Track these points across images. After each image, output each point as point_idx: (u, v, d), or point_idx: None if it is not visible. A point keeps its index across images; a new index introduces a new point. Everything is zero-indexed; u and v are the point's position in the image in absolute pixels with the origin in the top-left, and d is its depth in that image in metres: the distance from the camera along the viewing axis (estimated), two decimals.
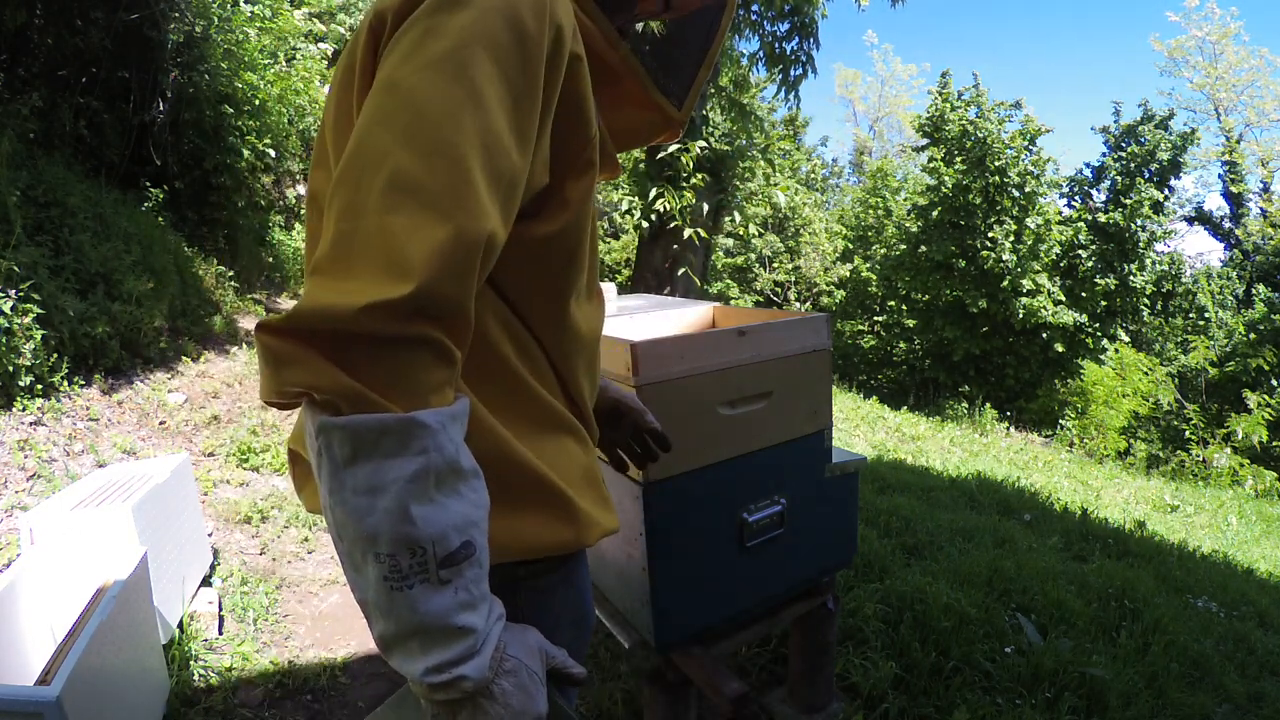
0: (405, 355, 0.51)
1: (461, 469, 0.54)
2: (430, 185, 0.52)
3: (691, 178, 6.43)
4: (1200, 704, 2.02)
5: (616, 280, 12.38)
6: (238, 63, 5.42)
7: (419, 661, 0.53)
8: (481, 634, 0.55)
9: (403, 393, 0.51)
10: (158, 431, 3.32)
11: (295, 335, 0.50)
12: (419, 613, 0.51)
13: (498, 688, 0.56)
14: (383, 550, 0.50)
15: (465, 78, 0.55)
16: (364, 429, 0.49)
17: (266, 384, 0.52)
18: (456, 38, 0.56)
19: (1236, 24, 20.55)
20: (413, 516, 0.50)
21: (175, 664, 1.92)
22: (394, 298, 0.49)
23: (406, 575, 0.51)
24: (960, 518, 3.45)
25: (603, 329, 0.85)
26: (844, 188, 22.92)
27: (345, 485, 0.50)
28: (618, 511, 1.47)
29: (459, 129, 0.54)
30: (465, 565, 0.53)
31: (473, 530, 0.54)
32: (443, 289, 0.51)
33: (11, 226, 3.07)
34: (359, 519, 0.50)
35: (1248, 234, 17.17)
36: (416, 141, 0.53)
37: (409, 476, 0.50)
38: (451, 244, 0.52)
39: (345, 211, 0.53)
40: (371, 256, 0.51)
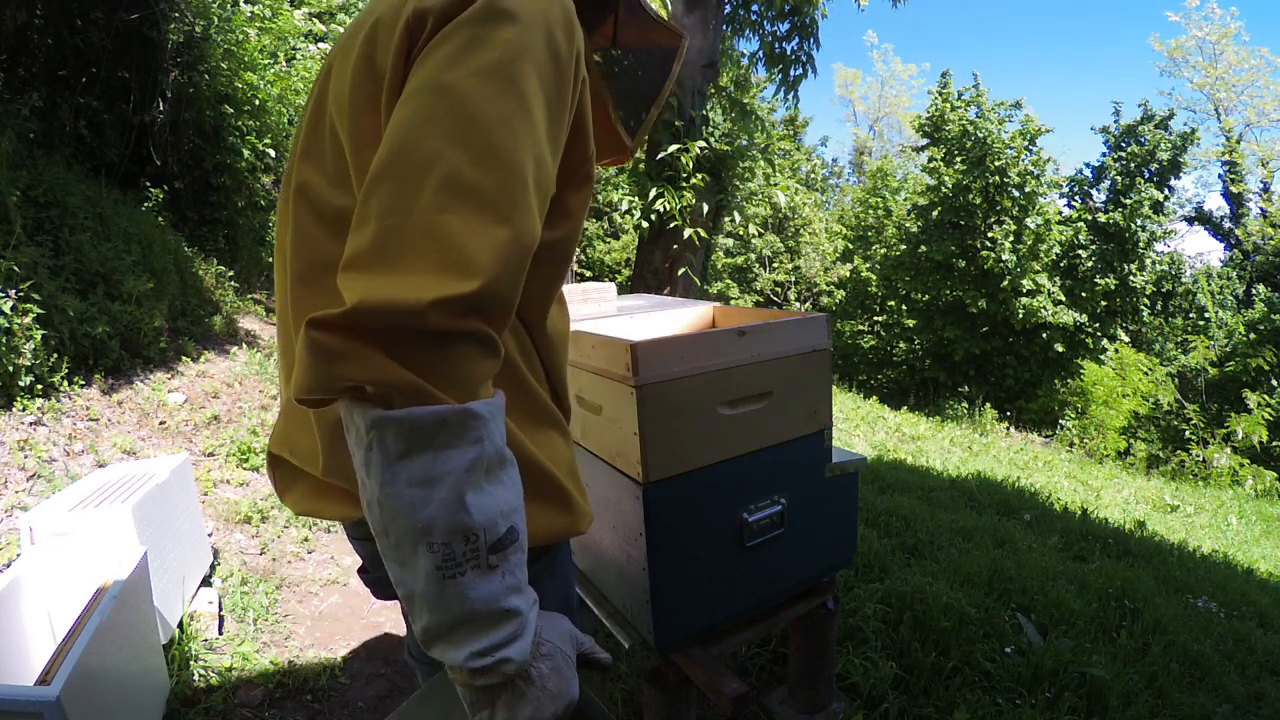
0: (460, 349, 0.53)
1: (505, 458, 0.56)
2: (487, 188, 0.54)
3: (691, 178, 6.42)
4: (1200, 704, 2.02)
5: (616, 280, 12.38)
6: (238, 63, 5.42)
7: (464, 648, 0.54)
8: (526, 617, 0.57)
9: (456, 386, 0.52)
10: (158, 431, 3.32)
11: (352, 331, 0.50)
12: (469, 599, 0.53)
13: (535, 671, 0.58)
14: (437, 540, 0.52)
15: (516, 89, 0.57)
16: (422, 421, 0.51)
17: (312, 379, 0.51)
18: (505, 50, 0.58)
19: (1236, 24, 20.57)
20: (468, 505, 0.52)
21: (175, 664, 1.92)
22: (460, 294, 0.51)
23: (460, 563, 0.52)
24: (960, 518, 3.45)
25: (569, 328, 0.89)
26: (844, 188, 22.93)
27: (399, 478, 0.51)
28: (618, 511, 1.48)
29: (514, 137, 0.56)
30: (511, 550, 0.55)
31: (515, 516, 0.56)
32: (501, 288, 0.53)
33: (11, 226, 3.06)
34: (413, 511, 0.51)
35: (1248, 234, 17.18)
36: (471, 146, 0.55)
37: (466, 466, 0.52)
38: (511, 245, 0.54)
39: (393, 207, 0.53)
40: (427, 253, 0.52)
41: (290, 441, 0.77)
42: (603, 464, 1.45)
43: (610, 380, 1.35)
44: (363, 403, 0.52)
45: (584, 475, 1.59)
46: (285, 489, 0.80)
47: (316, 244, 0.72)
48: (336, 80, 0.71)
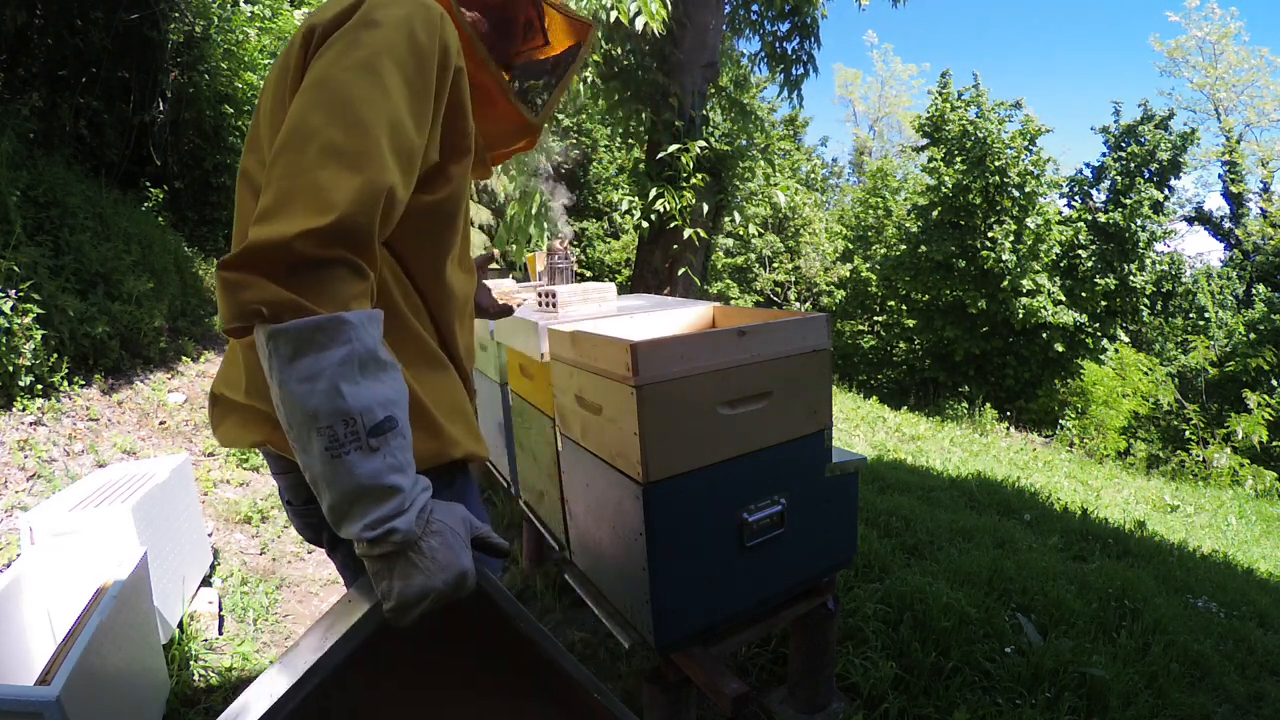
0: (329, 272, 0.66)
1: (380, 359, 0.67)
2: (350, 149, 0.69)
3: (691, 178, 6.42)
4: (1200, 704, 2.02)
5: (616, 280, 12.38)
6: (238, 63, 5.42)
7: (359, 521, 0.65)
8: (409, 495, 0.67)
9: (329, 300, 0.65)
10: (158, 431, 3.32)
11: (246, 265, 0.64)
12: (355, 474, 0.64)
13: (425, 544, 0.68)
14: (322, 424, 0.63)
15: (376, 77, 0.73)
16: (303, 328, 0.63)
17: (226, 310, 0.65)
18: (370, 48, 0.75)
19: (1236, 24, 20.57)
20: (343, 392, 0.63)
21: (175, 664, 1.92)
22: (319, 226, 0.64)
23: (343, 443, 0.64)
24: (960, 518, 3.45)
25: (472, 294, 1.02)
26: (844, 188, 22.92)
27: (291, 378, 0.63)
28: (618, 511, 1.47)
29: (373, 111, 0.72)
30: (390, 435, 0.66)
31: (394, 408, 0.67)
32: (356, 220, 0.67)
33: (11, 226, 3.06)
34: (302, 402, 0.63)
35: (1248, 234, 17.18)
36: (340, 121, 0.70)
37: (338, 360, 0.64)
38: (363, 188, 0.68)
39: (286, 173, 0.68)
40: (304, 200, 0.66)
41: (225, 377, 0.91)
42: (603, 464, 1.45)
43: (610, 380, 1.36)
44: (263, 323, 0.64)
45: (584, 475, 1.60)
46: (218, 423, 0.92)
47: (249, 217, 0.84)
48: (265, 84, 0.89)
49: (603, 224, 14.80)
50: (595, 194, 14.52)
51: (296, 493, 0.92)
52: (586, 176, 14.38)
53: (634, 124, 6.93)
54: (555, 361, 1.67)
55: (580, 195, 14.23)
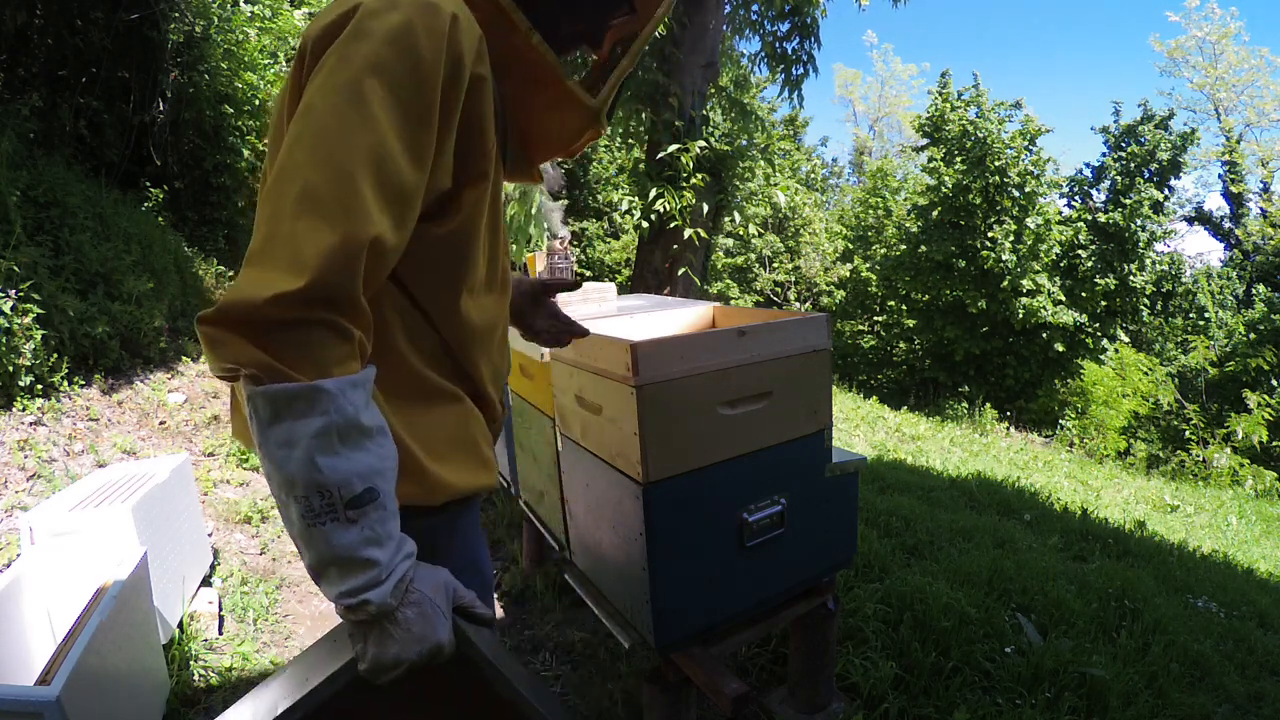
0: (308, 335, 0.62)
1: (364, 427, 0.64)
2: (323, 195, 0.63)
3: (691, 178, 6.42)
4: (1200, 704, 2.02)
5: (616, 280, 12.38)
6: (238, 63, 5.42)
7: (336, 587, 0.64)
8: (386, 567, 0.65)
9: (308, 365, 0.62)
10: (158, 431, 3.32)
11: (222, 323, 0.61)
12: (331, 544, 0.62)
13: (401, 615, 0.66)
14: (299, 493, 0.61)
15: (360, 102, 0.65)
16: (278, 395, 0.61)
17: (209, 361, 0.64)
18: (356, 66, 0.66)
19: (1236, 24, 20.57)
20: (319, 465, 0.61)
21: (175, 664, 1.92)
22: (291, 289, 0.60)
23: (319, 514, 0.62)
24: (960, 518, 3.45)
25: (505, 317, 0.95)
26: (844, 188, 22.92)
27: (269, 440, 0.62)
28: (618, 511, 1.47)
29: (349, 147, 0.65)
30: (370, 508, 0.64)
31: (376, 479, 0.64)
32: (331, 281, 0.62)
33: (11, 226, 3.06)
34: (280, 467, 0.61)
35: (1248, 234, 17.18)
36: (318, 159, 0.64)
37: (314, 432, 0.61)
38: (339, 245, 0.62)
39: (270, 216, 0.64)
40: (280, 255, 0.62)
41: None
42: (603, 464, 1.45)
43: (610, 380, 1.36)
44: (245, 379, 0.62)
45: (584, 475, 1.60)
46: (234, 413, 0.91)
47: None
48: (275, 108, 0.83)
49: (603, 224, 14.79)
50: (595, 194, 14.51)
51: None
52: (586, 176, 14.38)
53: (634, 124, 6.93)
54: (555, 361, 1.67)
55: (580, 195, 14.23)
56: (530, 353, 1.91)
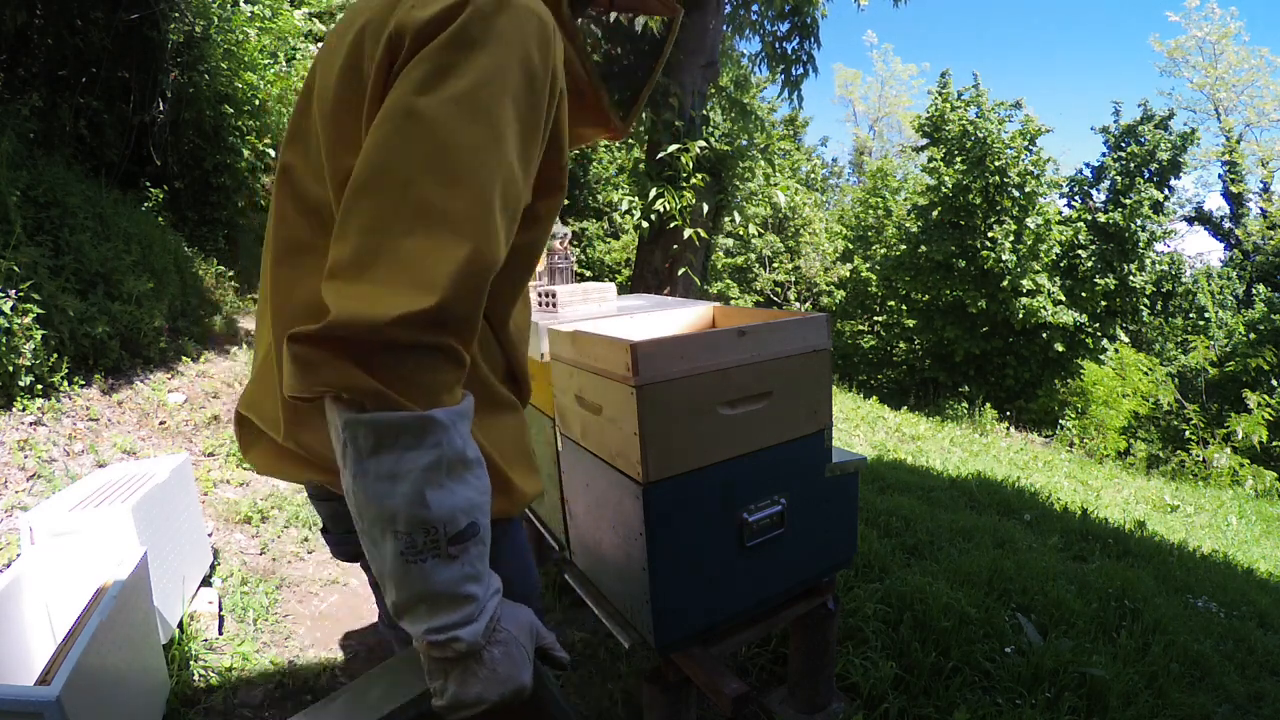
0: (423, 360, 0.58)
1: (468, 459, 0.61)
2: (454, 212, 0.59)
3: (691, 178, 6.42)
4: (1200, 704, 2.02)
5: (616, 280, 12.38)
6: (238, 63, 5.42)
7: (424, 623, 0.61)
8: (481, 603, 0.63)
9: (420, 393, 0.58)
10: (158, 431, 3.32)
11: (326, 342, 0.56)
12: (429, 582, 0.59)
13: (488, 654, 0.64)
14: (400, 529, 0.58)
15: (487, 117, 0.62)
16: (386, 425, 0.57)
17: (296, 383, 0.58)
18: (477, 77, 0.62)
19: (1236, 24, 20.58)
20: (427, 501, 0.58)
21: (175, 664, 1.92)
22: (419, 310, 0.56)
23: (421, 551, 0.58)
24: (960, 518, 3.45)
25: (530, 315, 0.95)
26: (844, 188, 22.92)
27: (369, 472, 0.57)
28: (618, 511, 1.47)
29: (484, 165, 0.61)
30: (471, 543, 0.61)
31: (477, 513, 0.62)
32: (460, 305, 0.59)
33: (11, 226, 3.06)
34: (379, 501, 0.58)
35: (1248, 234, 17.18)
36: (441, 172, 0.60)
37: (425, 466, 0.58)
38: (470, 266, 0.59)
39: (372, 224, 0.59)
40: (398, 271, 0.57)
41: (257, 405, 0.82)
42: (603, 464, 1.45)
43: (610, 380, 1.36)
44: (340, 404, 0.58)
45: (584, 475, 1.60)
46: (248, 447, 0.86)
47: (294, 227, 0.77)
48: (323, 75, 0.74)
49: (603, 224, 14.79)
50: (595, 194, 14.51)
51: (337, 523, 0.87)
52: (586, 176, 14.38)
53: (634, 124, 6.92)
54: (555, 361, 1.67)
55: (580, 195, 14.23)
56: (530, 353, 1.91)
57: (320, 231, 0.74)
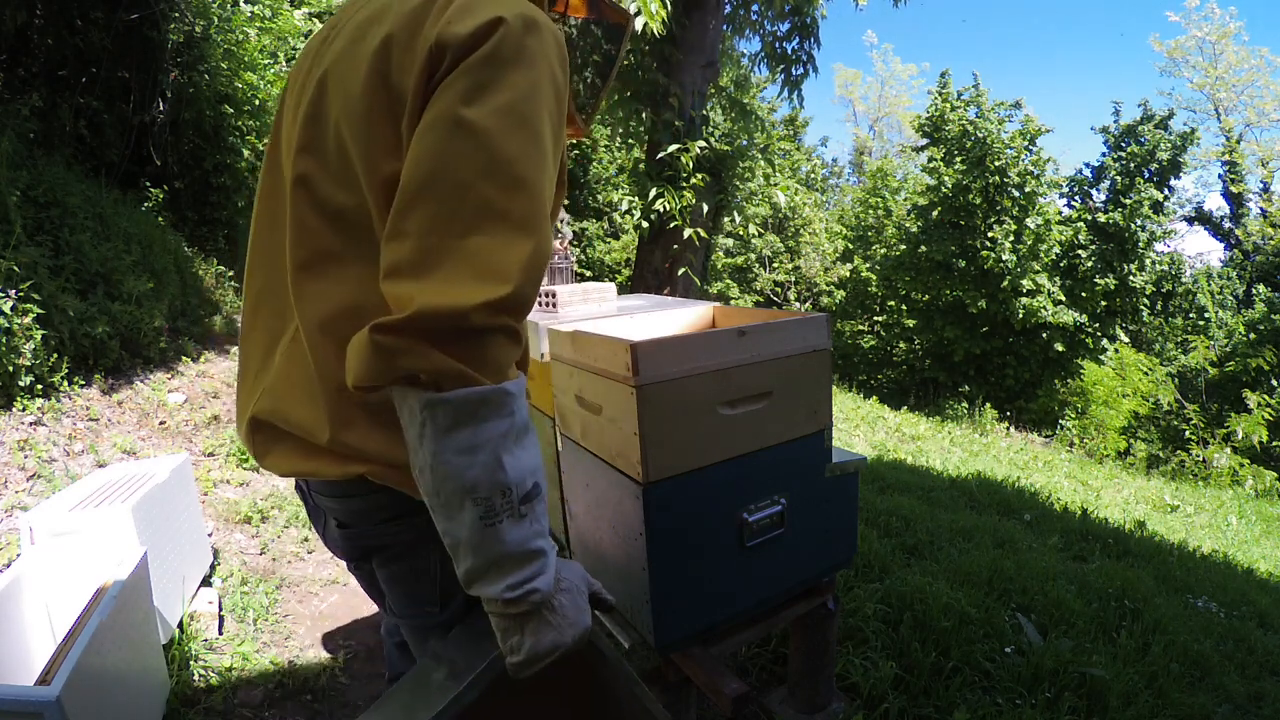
0: (494, 341, 0.65)
1: (529, 426, 0.69)
2: (515, 212, 0.66)
3: (691, 178, 6.42)
4: (1200, 704, 2.02)
5: (616, 280, 12.38)
6: (238, 63, 5.42)
7: (500, 583, 0.66)
8: (549, 556, 0.70)
9: (494, 370, 0.65)
10: (158, 431, 3.32)
11: (411, 331, 0.62)
12: (505, 542, 0.65)
13: (558, 601, 0.71)
14: (481, 495, 0.64)
15: (531, 126, 0.69)
16: (468, 400, 0.63)
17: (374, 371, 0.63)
18: (519, 91, 0.69)
19: (1236, 24, 20.58)
20: (505, 465, 0.65)
21: (175, 664, 1.92)
22: (497, 297, 0.63)
23: (499, 513, 0.65)
24: (960, 518, 3.45)
25: None
26: (844, 188, 22.92)
27: (447, 448, 0.64)
28: (618, 511, 1.47)
29: (535, 168, 0.69)
30: (537, 501, 0.68)
31: (539, 474, 0.69)
32: (526, 290, 0.66)
33: (11, 226, 3.06)
34: (460, 473, 0.64)
35: (1248, 234, 17.18)
36: (501, 178, 0.66)
37: (502, 433, 0.65)
38: (534, 259, 0.67)
39: (433, 226, 0.65)
40: (470, 265, 0.64)
41: (281, 411, 0.83)
42: (603, 464, 1.45)
43: (610, 380, 1.36)
44: (415, 388, 0.64)
45: (584, 475, 1.60)
46: (265, 451, 0.86)
47: (318, 235, 0.79)
48: (341, 85, 0.76)
49: (603, 224, 14.79)
50: (595, 194, 14.51)
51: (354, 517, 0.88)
52: (586, 176, 14.38)
53: (634, 124, 6.93)
54: (555, 361, 1.67)
55: (580, 195, 14.22)
56: (530, 353, 1.91)
57: (348, 237, 0.78)
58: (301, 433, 0.82)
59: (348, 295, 0.77)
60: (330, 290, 0.78)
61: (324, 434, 0.79)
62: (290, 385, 0.83)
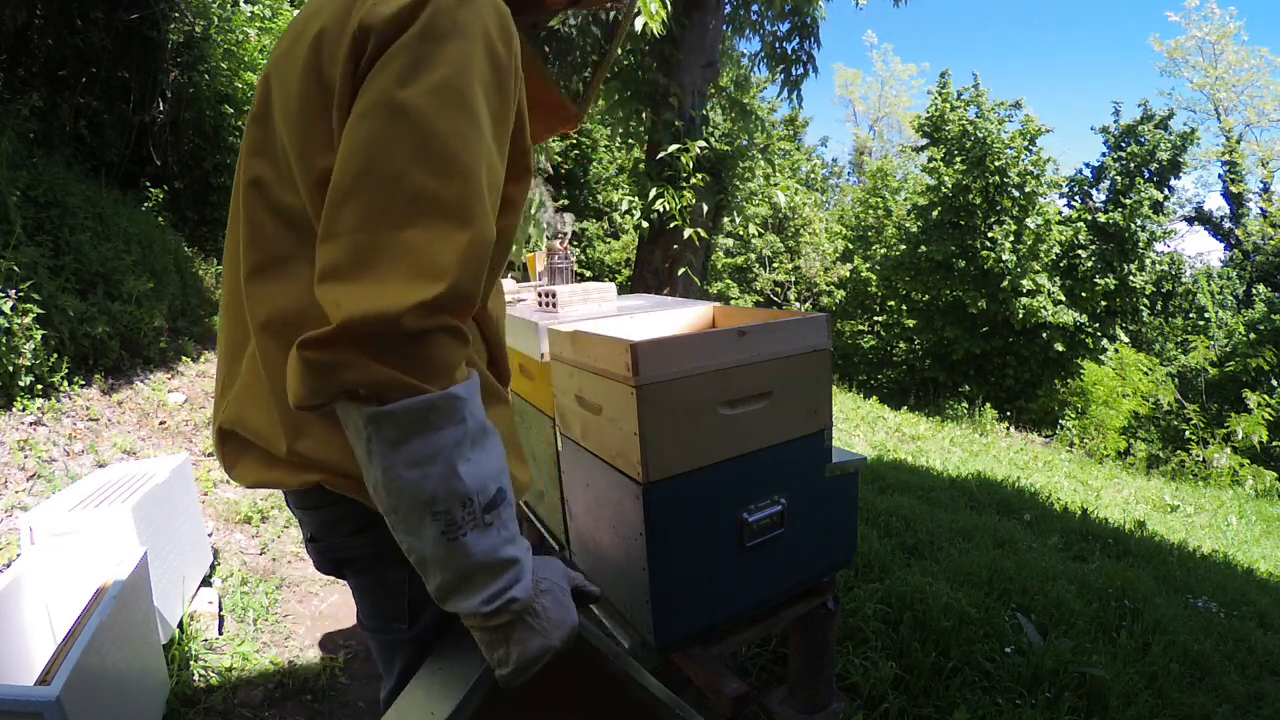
0: (436, 343, 0.60)
1: (486, 428, 0.64)
2: (448, 199, 0.61)
3: (691, 178, 6.42)
4: (1200, 704, 2.02)
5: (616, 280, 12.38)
6: (238, 63, 5.42)
7: (475, 597, 0.63)
8: (524, 561, 0.66)
9: (437, 374, 0.60)
10: (158, 431, 3.32)
11: (340, 344, 0.57)
12: (473, 554, 0.61)
13: (539, 605, 0.68)
14: (440, 508, 0.60)
15: (465, 104, 0.63)
16: (413, 410, 0.58)
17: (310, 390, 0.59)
18: (449, 67, 0.63)
19: (1236, 24, 20.58)
20: (460, 474, 0.60)
21: (175, 664, 1.92)
22: (430, 297, 0.57)
23: (460, 525, 0.61)
24: (960, 518, 3.45)
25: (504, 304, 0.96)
26: (844, 188, 22.92)
27: (399, 462, 0.59)
28: (618, 511, 1.47)
29: (469, 149, 0.63)
30: (502, 507, 0.64)
31: (502, 478, 0.65)
32: (466, 285, 0.61)
33: (11, 226, 3.06)
34: (415, 487, 0.59)
35: (1248, 234, 17.18)
36: (430, 161, 0.61)
37: (454, 441, 0.60)
38: (471, 247, 0.61)
39: (365, 222, 0.60)
40: (398, 263, 0.58)
41: (244, 420, 0.80)
42: (603, 464, 1.45)
43: (610, 380, 1.35)
44: (357, 402, 0.59)
45: (584, 475, 1.60)
46: (233, 462, 0.83)
47: (274, 239, 0.76)
48: (281, 84, 0.74)
49: (603, 224, 14.79)
50: (595, 194, 14.51)
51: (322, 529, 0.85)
52: (586, 176, 14.38)
53: (634, 124, 6.93)
54: (555, 361, 1.67)
55: (580, 195, 14.22)
56: (530, 353, 1.91)
57: (298, 239, 0.74)
58: (263, 442, 0.78)
59: (294, 299, 0.73)
60: (277, 294, 0.74)
61: (281, 444, 0.76)
62: (251, 394, 0.79)
